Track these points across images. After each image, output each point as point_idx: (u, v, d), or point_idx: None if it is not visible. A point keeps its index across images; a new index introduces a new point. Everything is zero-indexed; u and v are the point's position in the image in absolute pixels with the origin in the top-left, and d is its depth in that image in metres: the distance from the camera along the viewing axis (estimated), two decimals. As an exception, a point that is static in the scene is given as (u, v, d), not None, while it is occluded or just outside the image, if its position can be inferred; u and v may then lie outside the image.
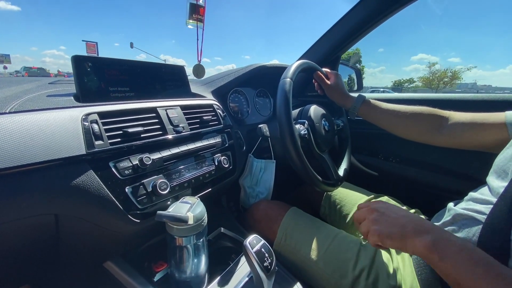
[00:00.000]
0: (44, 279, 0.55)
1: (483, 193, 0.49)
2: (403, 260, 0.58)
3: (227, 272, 0.57)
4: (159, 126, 0.58)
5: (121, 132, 0.50)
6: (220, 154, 0.71)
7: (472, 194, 0.51)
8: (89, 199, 0.44)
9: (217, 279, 0.55)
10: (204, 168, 0.65)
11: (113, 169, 0.47)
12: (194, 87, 0.84)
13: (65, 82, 0.67)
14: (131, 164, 0.50)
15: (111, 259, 0.57)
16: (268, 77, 0.99)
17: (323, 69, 0.85)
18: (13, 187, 0.37)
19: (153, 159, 0.52)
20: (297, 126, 0.71)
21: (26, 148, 0.38)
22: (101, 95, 0.56)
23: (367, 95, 0.84)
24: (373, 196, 0.82)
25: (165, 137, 0.57)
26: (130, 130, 0.50)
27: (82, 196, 0.43)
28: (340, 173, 0.82)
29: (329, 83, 0.83)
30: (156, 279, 0.56)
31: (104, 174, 0.46)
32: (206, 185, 0.65)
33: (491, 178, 0.49)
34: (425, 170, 0.97)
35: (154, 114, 0.58)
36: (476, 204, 0.47)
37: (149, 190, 0.51)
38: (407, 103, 0.74)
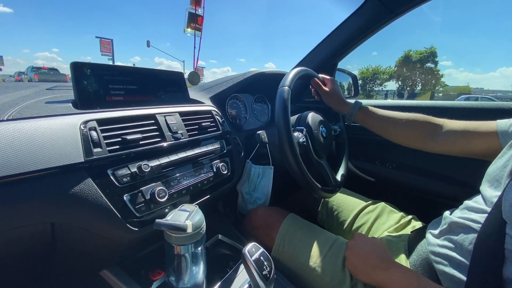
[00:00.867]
0: (40, 287, 0.54)
1: (478, 202, 0.50)
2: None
3: (225, 280, 0.57)
4: (158, 133, 0.57)
5: (120, 139, 0.50)
6: (219, 161, 0.70)
7: (467, 203, 0.52)
8: (87, 208, 0.43)
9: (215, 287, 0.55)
10: (203, 175, 0.65)
11: (111, 177, 0.47)
12: (193, 93, 0.84)
13: (63, 88, 0.67)
14: (130, 172, 0.49)
15: (108, 268, 0.56)
16: (266, 83, 0.99)
17: (320, 75, 0.85)
18: (10, 196, 0.37)
19: (152, 166, 0.52)
20: (296, 134, 0.72)
21: (24, 156, 0.38)
22: (100, 102, 0.55)
23: (365, 101, 0.85)
24: (370, 202, 0.82)
25: (164, 144, 0.57)
26: (129, 137, 0.50)
27: (80, 205, 0.42)
28: (338, 179, 0.83)
29: (326, 90, 0.84)
30: (153, 288, 0.55)
31: (102, 182, 0.46)
32: (205, 192, 0.65)
33: (484, 187, 0.50)
34: (422, 176, 0.98)
35: (153, 121, 0.58)
36: (471, 213, 0.48)
37: (147, 198, 0.51)
38: (403, 110, 0.75)
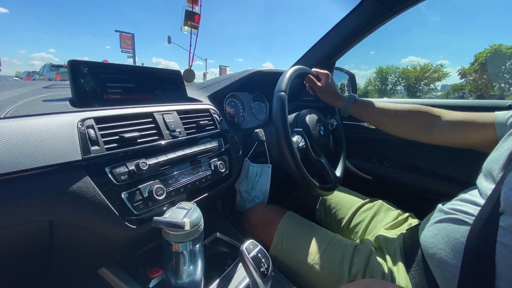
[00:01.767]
0: (38, 286, 0.54)
1: (473, 194, 0.50)
2: (397, 264, 0.59)
3: (223, 278, 0.57)
4: (156, 131, 0.57)
5: (117, 137, 0.50)
6: (217, 159, 0.71)
7: (462, 195, 0.52)
8: (85, 205, 0.43)
9: (213, 285, 0.55)
10: (201, 173, 0.65)
11: (109, 175, 0.47)
12: (191, 92, 0.84)
13: (60, 87, 0.67)
14: (127, 170, 0.49)
15: (106, 266, 0.56)
16: (264, 82, 1.00)
17: (313, 70, 0.85)
18: (7, 193, 0.37)
19: (150, 164, 0.52)
20: (295, 139, 0.72)
21: (21, 154, 0.38)
22: (97, 100, 0.55)
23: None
24: (368, 200, 0.83)
25: (162, 142, 0.57)
26: (127, 135, 0.50)
27: (78, 202, 0.42)
28: (338, 174, 0.83)
29: (320, 85, 0.84)
30: (151, 286, 0.55)
31: (100, 180, 0.46)
32: (203, 190, 0.65)
33: (480, 181, 0.50)
34: (419, 174, 0.99)
35: (151, 119, 0.58)
36: (465, 205, 0.48)
37: (145, 196, 0.51)
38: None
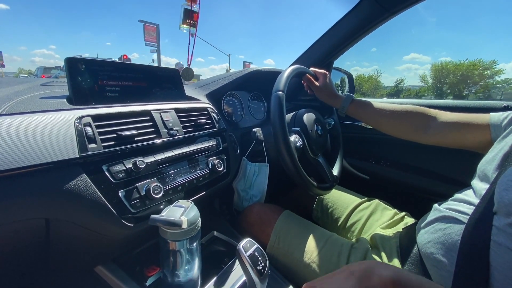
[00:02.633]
0: (34, 284, 0.54)
1: (467, 195, 0.51)
2: (393, 262, 0.59)
3: (220, 276, 0.57)
4: (153, 130, 0.57)
5: (115, 135, 0.50)
6: (215, 158, 0.71)
7: (457, 195, 0.53)
8: (82, 203, 0.43)
9: (210, 283, 0.55)
10: (198, 172, 0.65)
11: (106, 173, 0.47)
12: (189, 90, 0.84)
13: (58, 84, 0.66)
14: (125, 168, 0.49)
15: (103, 264, 0.56)
16: (263, 81, 1.00)
17: (311, 69, 0.85)
18: (4, 191, 0.37)
19: (147, 163, 0.52)
20: (292, 138, 0.73)
21: (18, 152, 0.38)
22: (95, 98, 0.55)
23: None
24: (365, 200, 0.84)
25: (159, 141, 0.57)
26: (124, 133, 0.50)
27: (74, 200, 0.42)
28: (335, 173, 0.84)
29: (318, 85, 0.84)
30: (148, 284, 0.55)
31: (97, 178, 0.45)
32: (200, 189, 0.65)
33: (475, 181, 0.51)
34: (415, 174, 1.00)
35: (148, 117, 0.58)
36: (459, 204, 0.49)
37: (143, 194, 0.51)
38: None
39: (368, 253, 0.61)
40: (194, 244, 0.51)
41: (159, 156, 0.56)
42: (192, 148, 0.64)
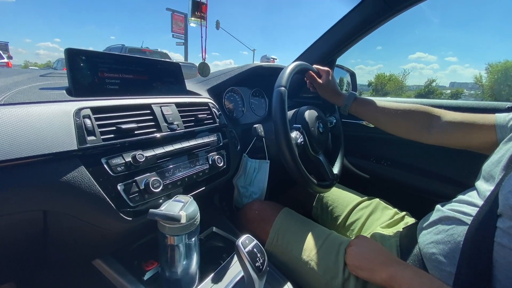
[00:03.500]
0: (31, 277, 0.54)
1: (471, 196, 0.50)
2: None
3: (218, 272, 0.57)
4: (153, 123, 0.57)
5: (115, 128, 0.49)
6: (215, 153, 0.70)
7: (460, 196, 0.53)
8: (80, 196, 0.43)
9: (208, 279, 0.55)
10: (198, 167, 0.64)
11: (105, 166, 0.47)
12: (190, 85, 0.83)
13: (57, 75, 0.66)
14: (124, 161, 0.49)
15: (101, 257, 0.56)
16: (264, 77, 0.99)
17: (314, 66, 0.84)
18: (1, 182, 0.36)
19: (146, 157, 0.52)
20: (293, 135, 0.72)
21: (16, 142, 0.37)
22: (94, 90, 0.55)
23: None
24: (365, 198, 0.83)
25: (159, 135, 0.56)
26: (124, 127, 0.50)
27: (73, 193, 0.42)
28: (335, 171, 0.83)
29: (321, 82, 0.83)
30: (146, 278, 0.55)
31: (96, 171, 0.45)
32: (200, 184, 0.65)
33: (480, 183, 0.51)
34: (416, 174, 0.99)
35: (149, 111, 0.57)
36: (463, 206, 0.49)
37: (142, 188, 0.50)
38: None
39: None
40: (193, 239, 0.51)
41: (159, 150, 0.55)
42: (192, 143, 0.64)
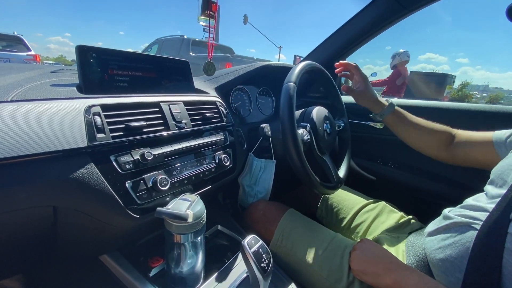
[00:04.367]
0: (40, 270, 0.55)
1: (479, 200, 0.50)
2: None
3: (223, 270, 0.57)
4: (162, 121, 0.57)
5: (124, 126, 0.49)
6: (221, 152, 0.70)
7: (468, 201, 0.52)
8: (89, 193, 0.43)
9: (213, 277, 0.56)
10: (205, 166, 0.65)
11: (114, 163, 0.47)
12: (197, 83, 0.83)
13: (68, 72, 0.66)
14: (132, 159, 0.49)
15: (108, 253, 0.56)
16: (272, 76, 0.98)
17: (351, 73, 0.83)
18: (13, 178, 0.37)
19: (155, 155, 0.52)
20: (300, 131, 0.71)
21: (27, 139, 0.38)
22: (104, 87, 0.55)
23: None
24: (371, 201, 0.82)
25: (167, 133, 0.57)
26: (133, 124, 0.50)
27: (82, 189, 0.42)
28: (341, 175, 0.83)
29: (360, 89, 0.81)
30: (152, 275, 0.56)
31: (105, 168, 0.45)
32: (206, 183, 0.65)
33: (489, 187, 0.50)
34: (424, 177, 0.98)
35: (157, 109, 0.58)
36: (471, 211, 0.48)
37: (149, 186, 0.51)
38: (423, 111, 0.79)
39: None
40: (199, 238, 0.51)
41: (167, 149, 0.56)
42: (199, 142, 0.64)
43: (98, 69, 0.55)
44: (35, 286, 0.63)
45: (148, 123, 0.53)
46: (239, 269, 0.58)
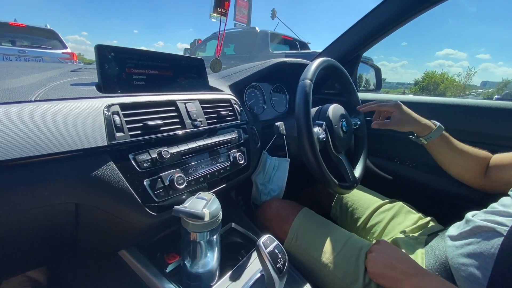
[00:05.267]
0: (61, 263, 0.57)
1: (506, 205, 0.48)
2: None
3: (238, 268, 0.58)
4: (178, 120, 0.57)
5: (141, 125, 0.50)
6: (236, 150, 0.70)
7: (494, 206, 0.50)
8: (109, 190, 0.44)
9: (227, 275, 0.56)
10: (219, 164, 0.65)
11: (133, 162, 0.47)
12: (212, 80, 0.83)
13: (87, 71, 0.67)
14: (150, 157, 0.50)
15: (126, 248, 0.58)
16: (286, 73, 0.97)
17: (377, 113, 0.80)
18: (36, 176, 0.38)
19: (171, 153, 0.52)
20: (316, 130, 0.70)
21: (50, 138, 0.39)
22: (122, 86, 0.55)
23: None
24: (387, 201, 0.80)
25: (184, 131, 0.57)
26: (150, 123, 0.50)
27: (102, 187, 0.43)
28: (356, 175, 0.81)
29: (396, 118, 0.74)
30: (168, 271, 0.57)
31: (124, 166, 0.46)
32: (221, 181, 0.65)
33: None
34: (443, 177, 0.94)
35: (174, 108, 0.58)
36: (497, 216, 0.47)
37: (166, 184, 0.51)
38: (433, 107, 0.77)
39: None
40: (214, 237, 0.51)
41: (183, 147, 0.56)
42: (215, 140, 0.64)
43: (117, 68, 0.55)
44: (58, 278, 0.66)
45: (165, 122, 0.54)
46: (253, 268, 0.58)
